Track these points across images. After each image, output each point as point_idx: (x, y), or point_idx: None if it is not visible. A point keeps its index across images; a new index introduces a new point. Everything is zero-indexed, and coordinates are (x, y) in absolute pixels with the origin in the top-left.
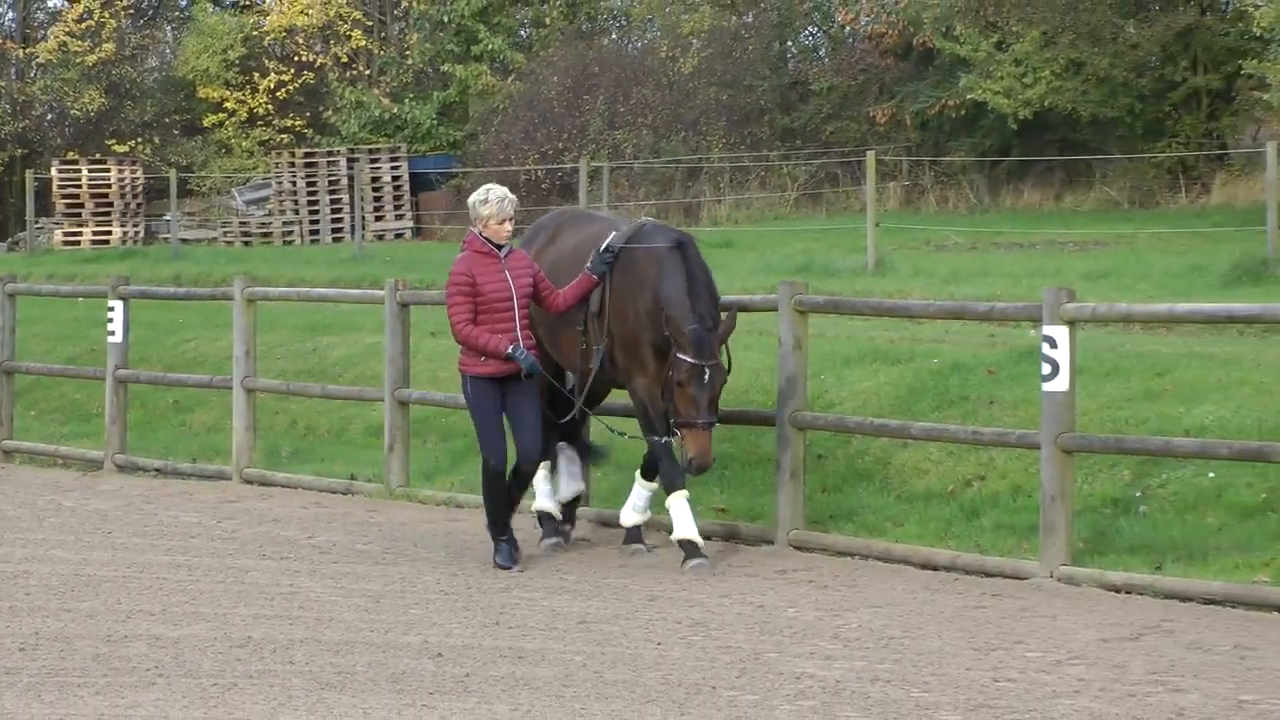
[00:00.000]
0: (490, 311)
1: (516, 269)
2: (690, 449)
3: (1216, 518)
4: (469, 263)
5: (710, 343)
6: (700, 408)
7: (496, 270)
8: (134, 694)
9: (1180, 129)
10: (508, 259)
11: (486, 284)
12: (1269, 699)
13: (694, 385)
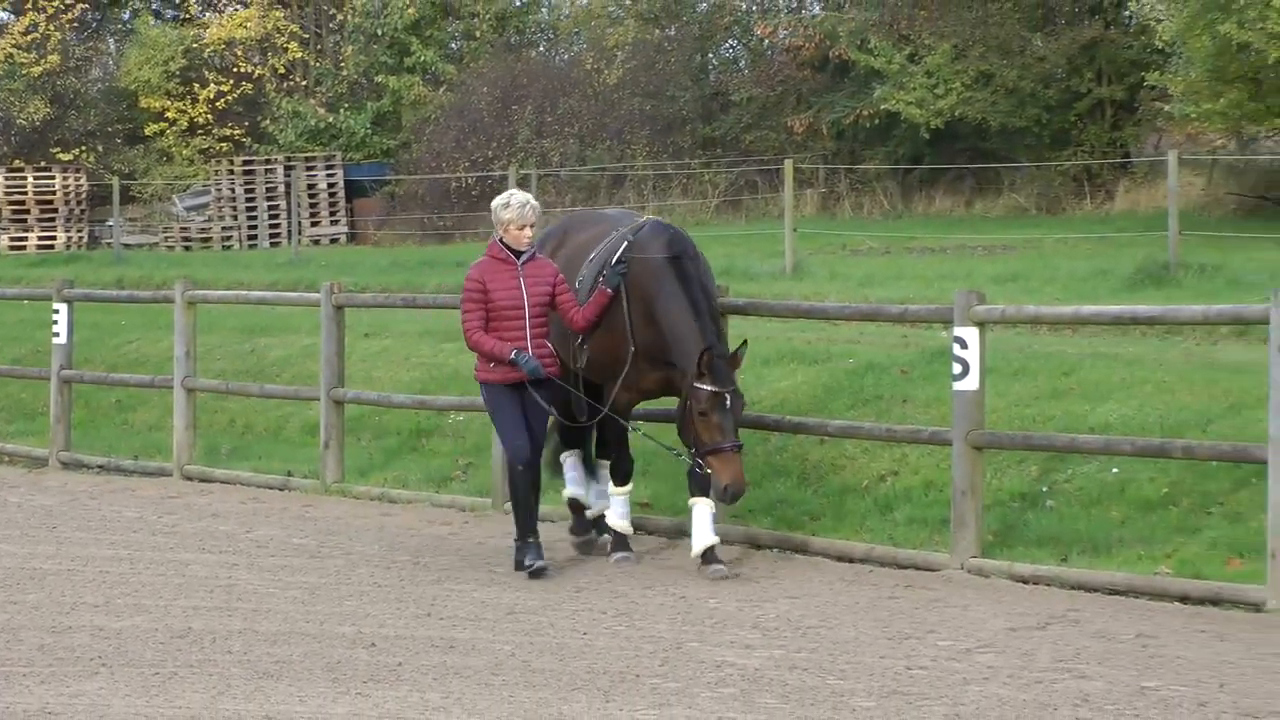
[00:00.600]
0: (500, 319)
1: (534, 277)
2: (724, 476)
3: (1120, 511)
4: (483, 269)
5: (727, 370)
6: (726, 433)
7: (511, 277)
8: (78, 683)
9: (1085, 138)
10: (526, 266)
11: (498, 291)
12: (1170, 685)
13: (717, 413)
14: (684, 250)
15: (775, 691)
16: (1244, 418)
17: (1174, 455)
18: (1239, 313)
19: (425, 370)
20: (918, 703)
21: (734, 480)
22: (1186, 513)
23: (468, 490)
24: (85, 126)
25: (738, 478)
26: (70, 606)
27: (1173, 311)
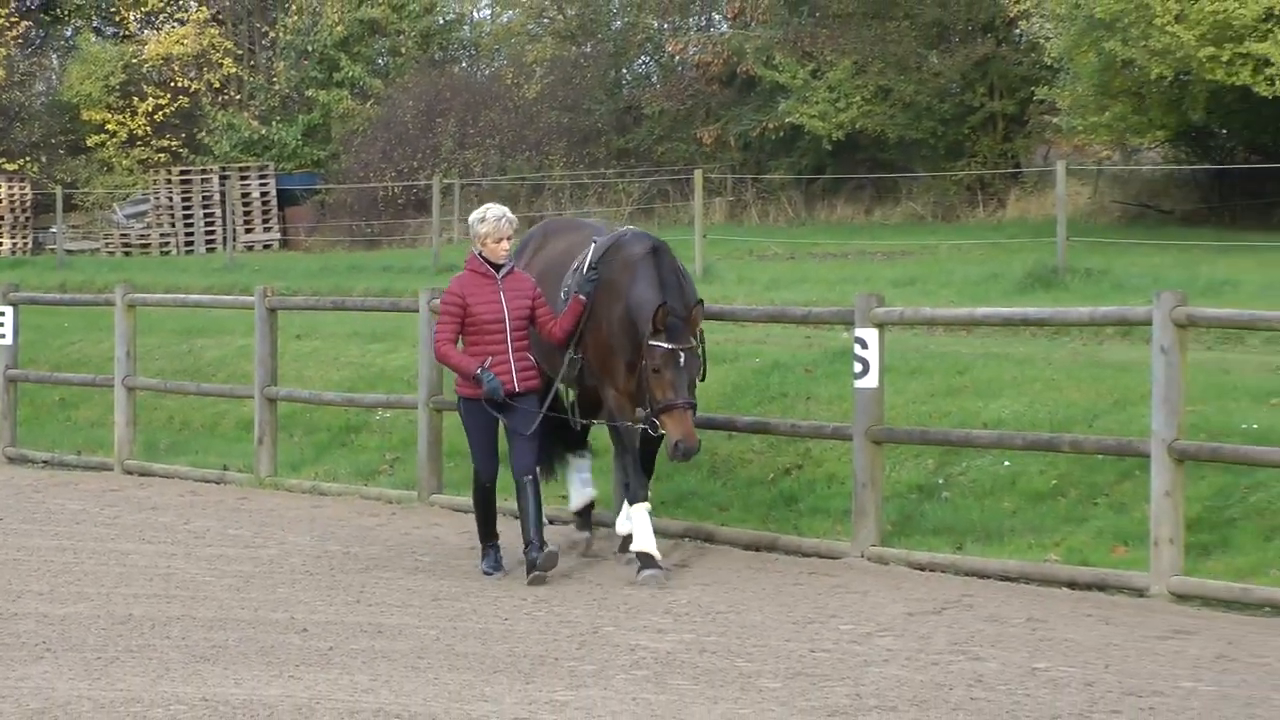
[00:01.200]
0: (481, 332)
1: (513, 291)
2: (674, 431)
3: (1011, 502)
4: (463, 283)
5: (682, 328)
6: (679, 390)
7: (491, 291)
8: (23, 667)
9: (978, 149)
10: (505, 280)
11: (478, 305)
12: (1059, 666)
13: (670, 369)
14: (663, 245)
15: (686, 673)
16: (1128, 413)
17: (1062, 449)
18: (1123, 314)
19: (354, 370)
20: (821, 684)
21: (684, 436)
22: (1074, 503)
23: (394, 483)
24: (29, 138)
25: (688, 434)
26: (16, 594)
27: (1061, 313)
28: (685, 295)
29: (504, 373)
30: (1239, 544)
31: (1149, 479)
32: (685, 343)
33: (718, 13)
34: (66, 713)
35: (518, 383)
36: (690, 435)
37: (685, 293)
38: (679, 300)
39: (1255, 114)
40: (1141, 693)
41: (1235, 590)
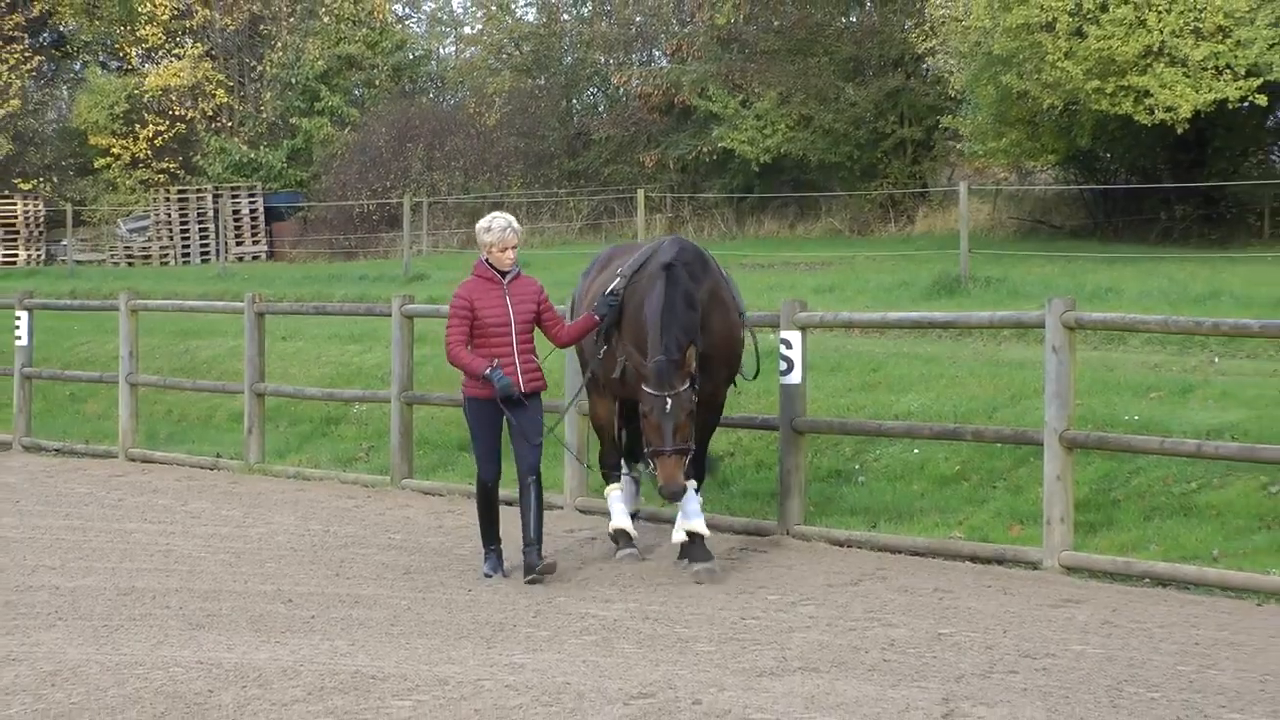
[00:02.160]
0: (487, 336)
1: (519, 296)
2: (660, 475)
3: (920, 486)
4: (471, 288)
5: (668, 373)
6: (665, 436)
7: (498, 296)
8: (37, 634)
9: (890, 171)
10: (511, 285)
11: (485, 309)
12: (963, 632)
13: (656, 414)
14: (683, 260)
15: (631, 638)
16: (1023, 406)
17: (965, 438)
18: (1019, 318)
19: (333, 368)
20: (750, 647)
21: (666, 481)
22: (975, 487)
23: (370, 469)
24: (42, 160)
25: (670, 478)
26: (31, 569)
27: (963, 317)
28: (685, 325)
29: (509, 374)
30: (1122, 522)
31: (1042, 465)
32: (667, 389)
33: (658, 49)
34: (76, 675)
35: (523, 384)
36: (673, 479)
37: (685, 323)
38: (676, 332)
39: (1135, 140)
40: (1036, 655)
41: (1119, 564)
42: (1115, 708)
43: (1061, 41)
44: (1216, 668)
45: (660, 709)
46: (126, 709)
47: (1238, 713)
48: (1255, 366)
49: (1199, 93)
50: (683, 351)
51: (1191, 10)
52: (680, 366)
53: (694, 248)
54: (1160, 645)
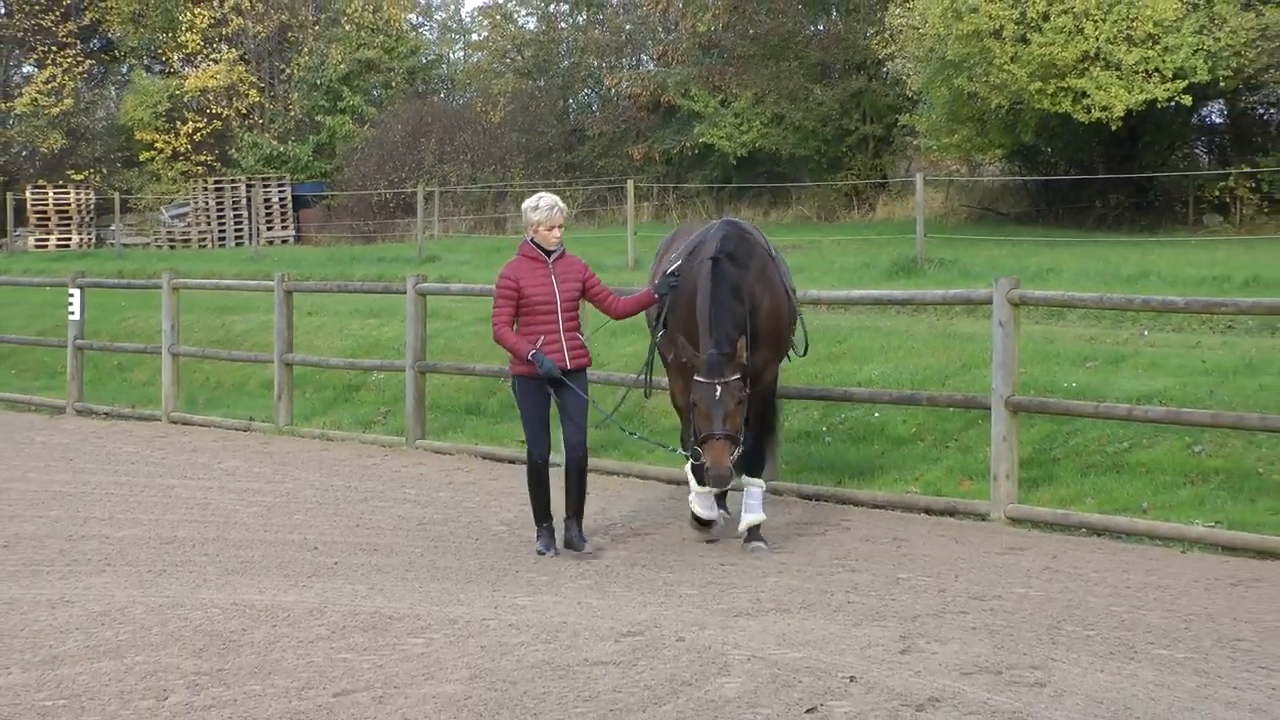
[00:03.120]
0: (533, 314)
1: (564, 274)
2: (707, 458)
3: (880, 445)
4: (516, 268)
5: (718, 363)
6: (714, 422)
7: (543, 275)
8: (88, 578)
9: (853, 164)
10: (556, 264)
11: (530, 288)
12: (918, 576)
13: (706, 401)
14: (727, 250)
15: (621, 582)
16: (973, 375)
17: (921, 403)
18: (969, 296)
19: (354, 340)
20: (729, 590)
21: (713, 464)
22: (930, 446)
23: (387, 431)
24: (93, 154)
25: (716, 462)
26: (83, 520)
27: (919, 295)
28: (735, 317)
29: (555, 351)
30: (1061, 478)
31: (990, 427)
32: (717, 376)
33: (646, 54)
34: (123, 614)
35: (569, 360)
36: (719, 463)
37: (735, 314)
38: (726, 328)
39: (1074, 135)
40: (984, 597)
41: (1058, 515)
42: (1055, 644)
43: (1008, 47)
44: (1145, 608)
45: (647, 645)
46: (168, 645)
47: (1164, 649)
48: (1180, 339)
49: (1131, 93)
50: (733, 344)
51: (1124, 19)
52: (732, 358)
53: (739, 231)
54: (1095, 588)
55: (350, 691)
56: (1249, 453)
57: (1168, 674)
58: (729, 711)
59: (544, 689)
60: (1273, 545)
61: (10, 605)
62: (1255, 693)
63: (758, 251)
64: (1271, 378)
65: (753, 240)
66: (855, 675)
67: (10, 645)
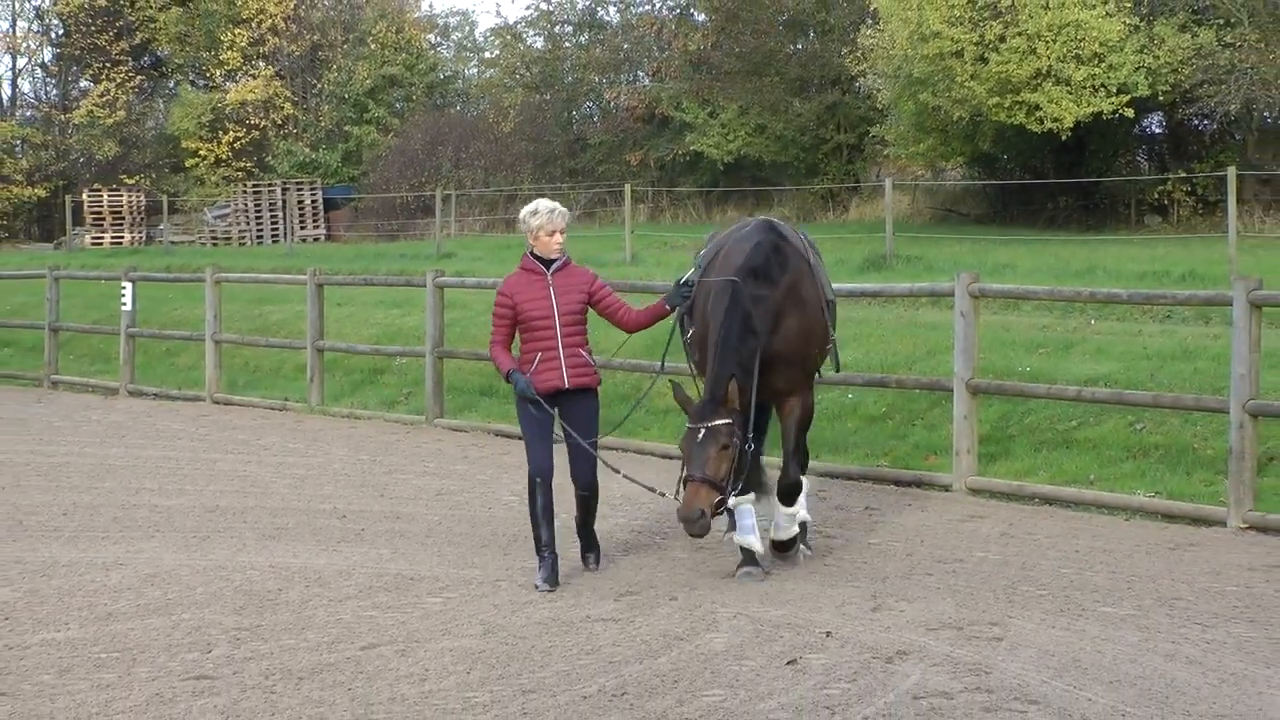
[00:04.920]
0: (532, 330)
1: (564, 287)
2: (682, 500)
3: (853, 424)
4: (513, 283)
5: (705, 411)
6: (693, 463)
7: (541, 289)
8: (139, 543)
9: (829, 169)
10: (556, 276)
11: (527, 303)
12: (888, 541)
13: (687, 443)
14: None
15: (620, 546)
16: (937, 360)
17: (890, 385)
18: (934, 289)
19: (379, 328)
20: (717, 554)
21: (683, 506)
22: (898, 424)
23: (408, 411)
24: (143, 160)
25: (686, 504)
26: (135, 490)
27: (889, 288)
28: (741, 355)
29: (553, 369)
30: (1016, 453)
31: (952, 407)
32: (699, 421)
33: (642, 70)
34: (171, 576)
35: (568, 379)
36: (689, 506)
37: (741, 353)
38: (730, 365)
39: (1028, 144)
40: (947, 560)
41: (1014, 487)
42: (1011, 602)
43: (968, 66)
44: (1092, 570)
45: (644, 603)
46: (211, 603)
47: (1109, 606)
48: (1124, 328)
49: (1079, 106)
50: (725, 390)
51: (1072, 40)
52: (722, 403)
53: (775, 240)
54: (1047, 552)
55: (376, 645)
56: (1185, 430)
57: (1112, 629)
58: (717, 663)
59: (550, 643)
60: (1206, 513)
61: (69, 567)
62: (1191, 646)
63: (791, 264)
64: (1205, 363)
65: (787, 250)
66: (831, 630)
67: (69, 604)
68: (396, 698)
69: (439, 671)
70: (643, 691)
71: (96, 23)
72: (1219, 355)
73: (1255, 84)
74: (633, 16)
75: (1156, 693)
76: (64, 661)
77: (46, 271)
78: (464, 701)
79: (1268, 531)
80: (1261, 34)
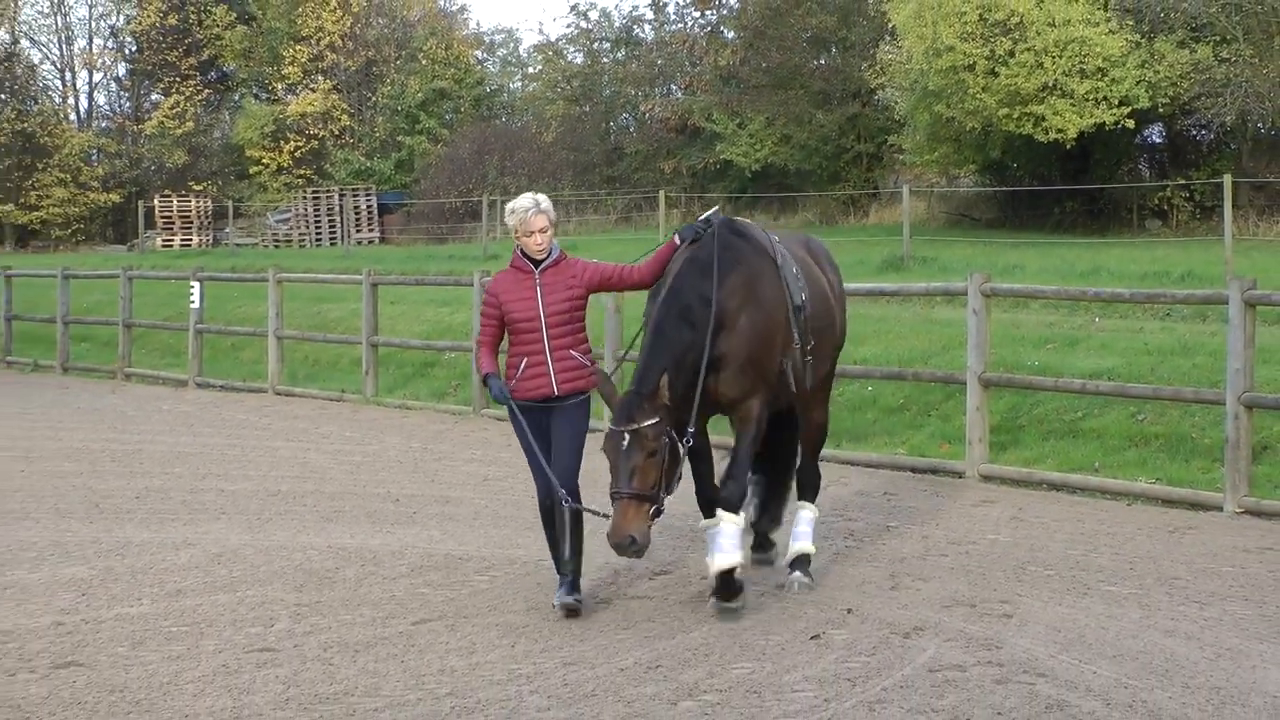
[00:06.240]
0: (518, 333)
1: (552, 285)
2: (612, 520)
3: (873, 414)
4: (499, 282)
5: (630, 408)
6: (619, 477)
7: (527, 289)
8: (207, 525)
9: (850, 177)
10: (545, 274)
11: (513, 303)
12: (905, 525)
13: (611, 451)
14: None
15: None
16: (951, 355)
17: (907, 378)
18: (948, 288)
19: (429, 325)
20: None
21: (612, 529)
22: (915, 415)
23: (457, 402)
24: (210, 168)
25: (616, 527)
26: (202, 475)
27: (906, 287)
28: (677, 349)
29: (540, 374)
30: (1026, 442)
31: (965, 399)
32: (624, 422)
33: (675, 84)
34: (237, 555)
35: (557, 385)
36: (619, 529)
37: (676, 347)
38: (662, 359)
39: (1035, 153)
40: (961, 542)
41: (1023, 473)
42: (1020, 581)
43: (980, 79)
44: (1097, 552)
45: (676, 581)
46: (273, 580)
47: (1112, 586)
48: (1126, 325)
49: (1083, 117)
50: (655, 384)
51: (1077, 55)
52: (650, 399)
53: (726, 237)
54: (1055, 535)
55: (426, 620)
56: (1184, 421)
57: (1115, 607)
58: (745, 638)
59: (589, 618)
60: (1204, 499)
61: (141, 547)
62: (1189, 623)
63: (746, 261)
64: (1203, 358)
65: (740, 246)
66: (852, 608)
67: (141, 581)
68: (446, 669)
69: (485, 645)
70: (676, 664)
71: (167, 40)
72: (1216, 351)
73: (1250, 96)
74: (666, 34)
75: (1157, 666)
76: (137, 635)
77: (120, 272)
78: (509, 673)
79: (1261, 516)
80: (1255, 50)
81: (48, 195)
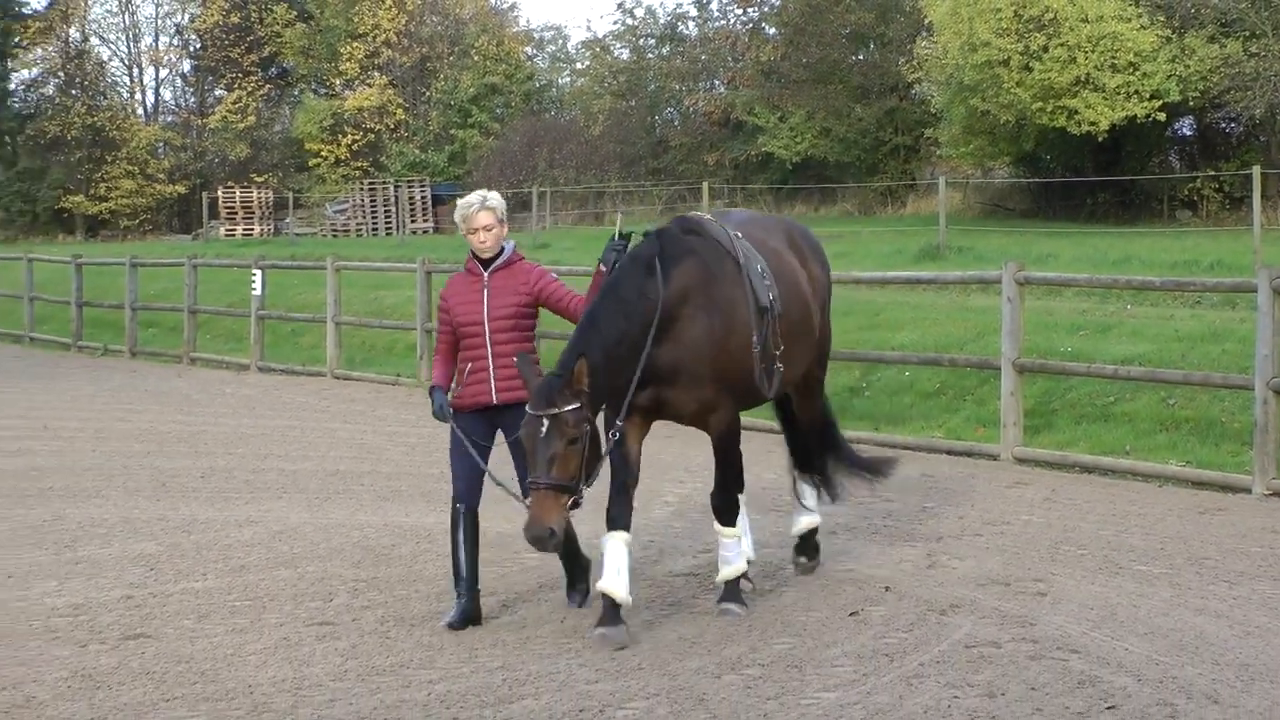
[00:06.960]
0: (464, 337)
1: (499, 289)
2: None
3: (910, 399)
4: (451, 285)
5: (549, 391)
6: (537, 465)
7: (474, 291)
8: (269, 503)
9: (888, 169)
10: (494, 277)
11: (459, 307)
12: (941, 505)
13: (529, 438)
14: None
15: (696, 509)
16: (985, 341)
17: (943, 364)
18: (983, 276)
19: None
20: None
21: (529, 521)
22: (951, 400)
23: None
24: (271, 160)
25: (534, 519)
26: (264, 456)
27: (942, 276)
28: (606, 334)
29: (481, 381)
30: (1059, 426)
31: (1000, 384)
32: (547, 408)
33: (718, 79)
34: (297, 532)
35: (497, 394)
36: (537, 520)
37: (605, 333)
38: (585, 342)
39: (1068, 145)
40: (995, 522)
41: (1056, 456)
42: (1054, 560)
43: (1014, 74)
44: (1128, 533)
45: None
46: (332, 557)
47: (1144, 565)
48: (1157, 312)
49: (1115, 111)
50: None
51: (1109, 50)
52: (570, 383)
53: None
54: (1087, 516)
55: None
56: (1214, 405)
57: (1146, 586)
58: (787, 614)
59: (635, 595)
60: (1233, 481)
61: (206, 525)
62: (1219, 601)
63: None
64: (1232, 344)
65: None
66: (890, 585)
67: (206, 557)
68: (498, 642)
69: (536, 620)
70: (720, 639)
71: (230, 38)
72: (1244, 338)
73: (1279, 90)
74: (710, 30)
75: (1187, 643)
76: (202, 608)
77: (185, 260)
78: (558, 647)
79: None
80: None
81: (116, 187)
